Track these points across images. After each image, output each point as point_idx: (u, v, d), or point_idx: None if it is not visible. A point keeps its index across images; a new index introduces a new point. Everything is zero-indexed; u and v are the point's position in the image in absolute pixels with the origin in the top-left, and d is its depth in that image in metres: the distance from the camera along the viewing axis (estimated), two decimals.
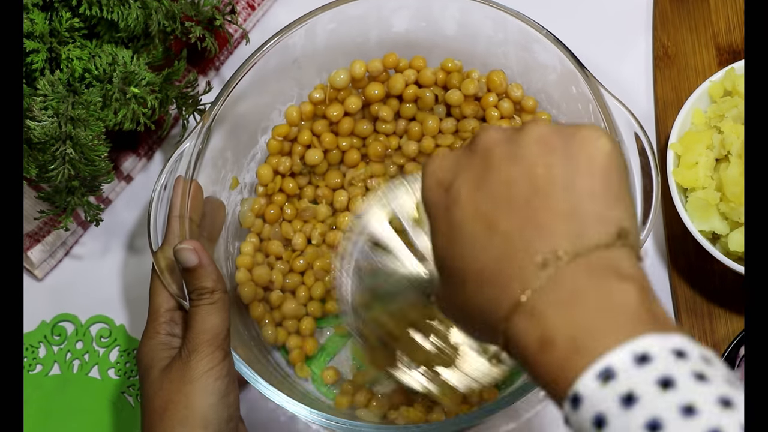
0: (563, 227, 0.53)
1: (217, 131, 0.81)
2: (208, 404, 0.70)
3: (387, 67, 0.86)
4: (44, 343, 0.88)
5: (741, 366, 0.79)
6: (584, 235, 0.53)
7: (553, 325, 0.51)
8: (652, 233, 0.86)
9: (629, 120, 0.78)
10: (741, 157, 0.79)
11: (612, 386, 0.48)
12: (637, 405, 0.47)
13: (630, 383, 0.47)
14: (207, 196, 0.82)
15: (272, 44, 0.82)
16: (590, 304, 0.51)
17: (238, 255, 0.85)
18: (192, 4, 0.85)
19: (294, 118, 0.87)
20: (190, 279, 0.73)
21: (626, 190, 0.56)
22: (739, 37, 0.90)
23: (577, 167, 0.55)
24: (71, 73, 0.79)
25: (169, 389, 0.70)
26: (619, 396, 0.47)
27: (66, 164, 0.77)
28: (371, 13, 0.84)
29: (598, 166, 0.55)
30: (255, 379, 0.74)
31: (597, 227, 0.53)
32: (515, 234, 0.53)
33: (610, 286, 0.52)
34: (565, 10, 0.92)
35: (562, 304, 0.52)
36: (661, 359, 0.48)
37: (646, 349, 0.48)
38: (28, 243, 0.88)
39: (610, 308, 0.51)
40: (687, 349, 0.49)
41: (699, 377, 0.48)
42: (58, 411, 0.87)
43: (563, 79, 0.82)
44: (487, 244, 0.54)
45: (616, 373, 0.48)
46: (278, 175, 0.86)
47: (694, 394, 0.47)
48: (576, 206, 0.54)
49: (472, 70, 0.86)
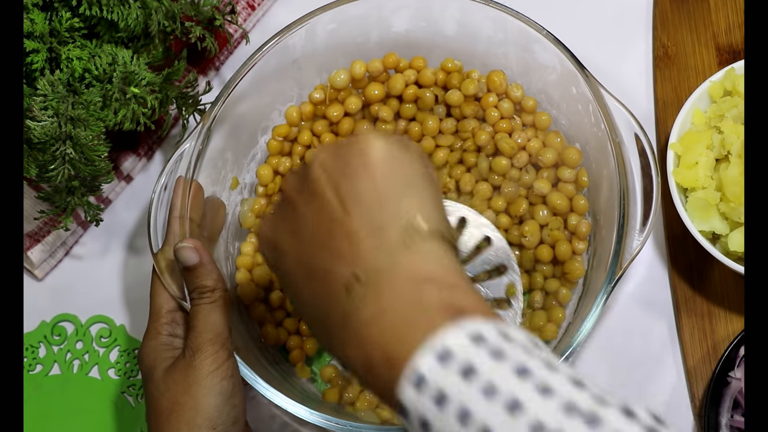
0: (365, 244, 0.55)
1: (217, 131, 0.81)
2: (214, 405, 0.70)
3: (387, 68, 0.86)
4: (44, 343, 0.88)
5: (741, 366, 0.79)
6: (384, 244, 0.55)
7: (370, 345, 0.53)
8: (652, 233, 0.86)
9: (629, 120, 0.78)
10: (741, 157, 0.79)
11: (425, 391, 0.49)
12: (447, 401, 0.49)
13: (438, 384, 0.49)
14: (207, 196, 0.82)
15: (272, 44, 0.82)
16: (396, 314, 0.53)
17: (239, 255, 0.85)
18: (192, 4, 0.85)
19: (294, 119, 0.87)
20: (191, 278, 0.73)
21: (415, 181, 0.57)
22: (739, 37, 0.90)
23: (358, 179, 0.57)
24: (71, 73, 0.79)
25: (175, 390, 0.70)
26: (433, 398, 0.49)
27: (66, 164, 0.77)
28: (371, 13, 0.84)
29: (374, 168, 0.57)
30: (255, 379, 0.74)
31: (394, 229, 0.55)
32: (327, 269, 0.56)
33: (411, 292, 0.53)
34: (565, 11, 0.92)
35: (372, 323, 0.53)
36: (461, 350, 0.50)
37: (445, 346, 0.50)
38: (28, 243, 0.88)
39: (412, 313, 0.53)
40: (484, 332, 0.50)
41: (496, 355, 0.49)
42: (58, 411, 0.87)
43: (563, 80, 0.82)
44: (310, 288, 0.57)
45: (425, 378, 0.49)
46: (278, 175, 0.86)
47: (492, 374, 0.49)
48: (369, 217, 0.56)
49: (472, 70, 0.86)
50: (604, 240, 0.79)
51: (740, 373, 0.79)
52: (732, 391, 0.79)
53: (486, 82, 0.86)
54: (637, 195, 0.77)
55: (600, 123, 0.79)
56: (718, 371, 0.79)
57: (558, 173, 0.84)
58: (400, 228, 0.56)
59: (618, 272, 0.75)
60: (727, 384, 0.79)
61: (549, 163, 0.84)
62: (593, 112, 0.80)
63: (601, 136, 0.79)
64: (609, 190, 0.79)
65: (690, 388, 0.83)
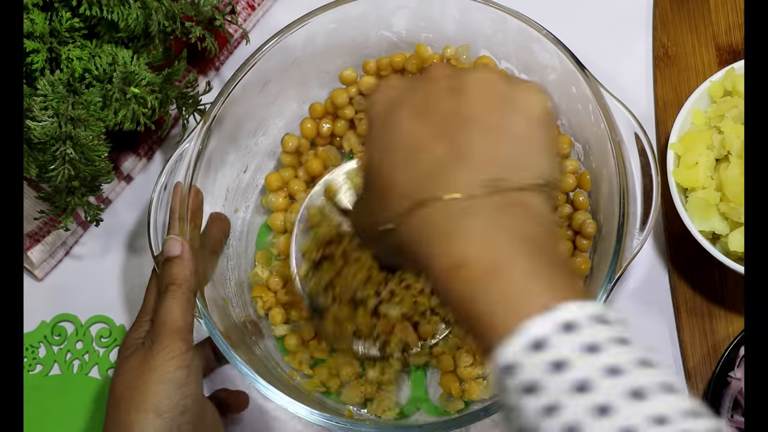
0: (485, 165, 0.56)
1: (217, 131, 0.81)
2: (164, 391, 0.70)
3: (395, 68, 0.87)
4: (44, 343, 0.88)
5: (741, 366, 0.79)
6: (506, 177, 0.56)
7: (465, 247, 0.54)
8: (652, 233, 0.86)
9: (629, 120, 0.78)
10: (741, 157, 0.79)
11: (540, 355, 0.50)
12: (567, 368, 0.49)
13: (559, 352, 0.50)
14: (213, 211, 0.83)
15: (272, 44, 0.82)
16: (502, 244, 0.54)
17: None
18: (192, 4, 0.85)
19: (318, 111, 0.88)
20: (166, 269, 0.74)
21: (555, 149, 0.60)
22: (739, 37, 0.90)
23: (513, 113, 0.58)
24: (71, 73, 0.79)
25: (130, 376, 0.71)
26: (550, 363, 0.49)
27: (66, 164, 0.77)
28: (371, 13, 0.85)
29: (534, 117, 0.59)
30: (255, 378, 0.75)
31: (521, 172, 0.57)
32: (440, 160, 0.57)
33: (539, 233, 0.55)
34: (565, 11, 0.92)
35: (474, 231, 0.55)
36: (586, 327, 0.50)
37: (570, 318, 0.50)
38: (28, 243, 0.88)
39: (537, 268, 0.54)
40: (607, 316, 0.51)
41: (620, 342, 0.50)
42: (58, 411, 0.87)
43: (563, 79, 0.82)
44: (415, 159, 0.57)
45: (545, 342, 0.50)
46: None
47: (617, 357, 0.49)
48: (503, 147, 0.57)
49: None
50: (604, 239, 0.79)
51: (740, 373, 0.79)
52: (732, 391, 0.79)
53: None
54: (637, 194, 0.77)
55: (600, 122, 0.79)
56: (718, 371, 0.79)
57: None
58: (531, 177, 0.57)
59: (618, 271, 0.75)
60: (727, 384, 0.79)
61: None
62: (593, 112, 0.80)
63: (601, 136, 0.79)
64: (609, 190, 0.79)
65: (690, 388, 0.83)
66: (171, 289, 0.74)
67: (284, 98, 0.88)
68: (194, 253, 0.76)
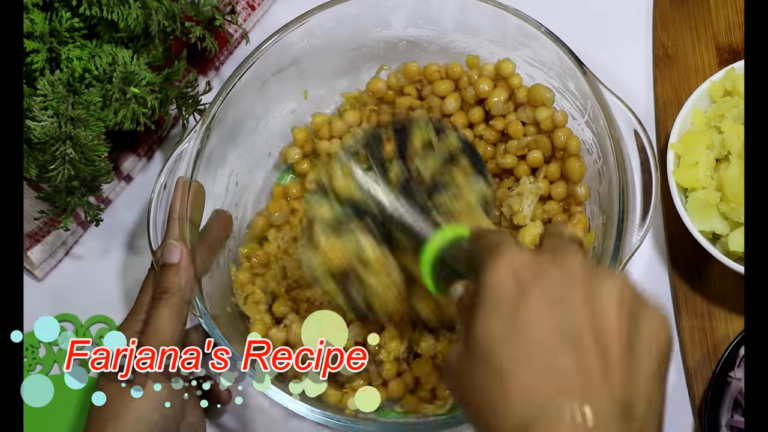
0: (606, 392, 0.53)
1: (217, 131, 0.81)
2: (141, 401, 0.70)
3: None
4: (44, 343, 0.88)
5: (741, 366, 0.79)
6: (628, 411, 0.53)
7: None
8: (652, 233, 0.87)
9: (628, 117, 0.78)
10: (741, 157, 0.79)
11: None
12: None
13: None
14: (217, 208, 0.83)
15: (271, 44, 0.82)
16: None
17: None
18: (192, 4, 0.85)
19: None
20: (163, 275, 0.74)
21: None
22: (739, 37, 0.90)
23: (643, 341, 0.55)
24: (71, 73, 0.79)
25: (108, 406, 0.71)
26: None
27: (66, 164, 0.77)
28: (370, 12, 0.85)
29: (663, 354, 0.56)
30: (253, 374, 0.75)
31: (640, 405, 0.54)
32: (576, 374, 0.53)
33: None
34: (565, 11, 0.92)
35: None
36: None
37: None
38: (28, 243, 0.88)
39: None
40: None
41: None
42: (58, 411, 0.87)
43: (561, 76, 0.82)
44: (550, 366, 0.54)
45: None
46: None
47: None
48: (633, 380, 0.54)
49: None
50: (604, 235, 0.79)
51: (740, 373, 0.79)
52: (732, 391, 0.79)
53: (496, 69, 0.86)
54: (637, 190, 0.77)
55: (599, 119, 0.79)
56: (718, 371, 0.79)
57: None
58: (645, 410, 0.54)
59: (617, 267, 0.75)
60: (727, 384, 0.79)
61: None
62: (592, 108, 0.80)
63: (600, 132, 0.79)
64: (608, 186, 0.79)
65: (690, 388, 0.83)
66: (164, 297, 0.74)
67: (284, 98, 0.88)
68: (192, 259, 0.75)
